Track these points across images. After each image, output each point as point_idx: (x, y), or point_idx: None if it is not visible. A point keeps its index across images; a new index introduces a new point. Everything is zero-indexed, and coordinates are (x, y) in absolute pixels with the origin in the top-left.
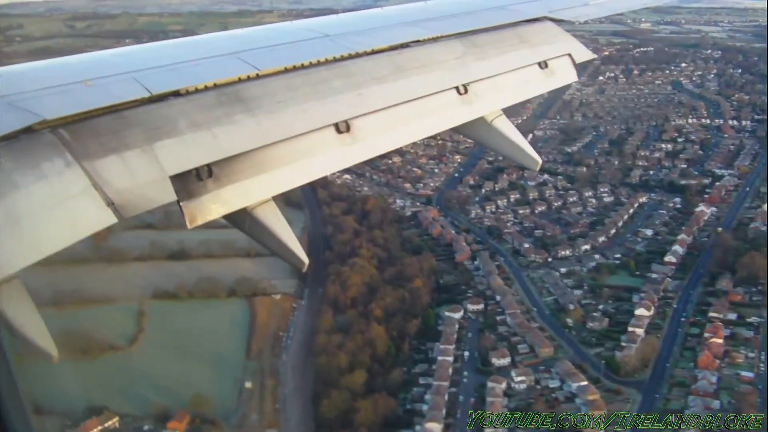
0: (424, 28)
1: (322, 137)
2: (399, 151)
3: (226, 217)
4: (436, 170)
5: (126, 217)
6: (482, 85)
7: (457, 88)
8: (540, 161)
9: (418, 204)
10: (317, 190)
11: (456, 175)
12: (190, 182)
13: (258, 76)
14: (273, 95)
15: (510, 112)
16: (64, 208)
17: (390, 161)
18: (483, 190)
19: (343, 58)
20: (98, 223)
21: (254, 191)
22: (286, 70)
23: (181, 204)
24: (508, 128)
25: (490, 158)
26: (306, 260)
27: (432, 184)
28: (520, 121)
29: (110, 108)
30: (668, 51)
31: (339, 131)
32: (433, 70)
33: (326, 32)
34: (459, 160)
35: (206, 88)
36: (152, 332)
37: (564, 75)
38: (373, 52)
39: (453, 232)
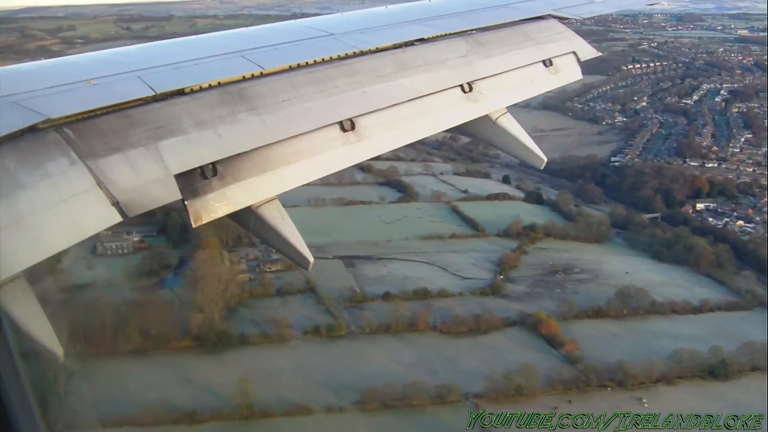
0: (429, 26)
1: (326, 136)
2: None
3: (231, 215)
4: None
5: (131, 216)
6: (487, 83)
7: (461, 86)
8: (545, 159)
9: None
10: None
11: None
12: (194, 181)
13: (262, 75)
14: (277, 94)
15: None
16: (69, 207)
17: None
18: None
19: (347, 57)
20: (103, 222)
21: (259, 190)
22: (291, 69)
23: (186, 203)
24: (513, 126)
25: None
26: (311, 259)
27: None
28: None
29: (115, 107)
30: None
31: (344, 130)
32: (437, 68)
33: (330, 31)
34: None
35: (210, 87)
36: None
37: (569, 73)
38: (378, 51)
39: None
